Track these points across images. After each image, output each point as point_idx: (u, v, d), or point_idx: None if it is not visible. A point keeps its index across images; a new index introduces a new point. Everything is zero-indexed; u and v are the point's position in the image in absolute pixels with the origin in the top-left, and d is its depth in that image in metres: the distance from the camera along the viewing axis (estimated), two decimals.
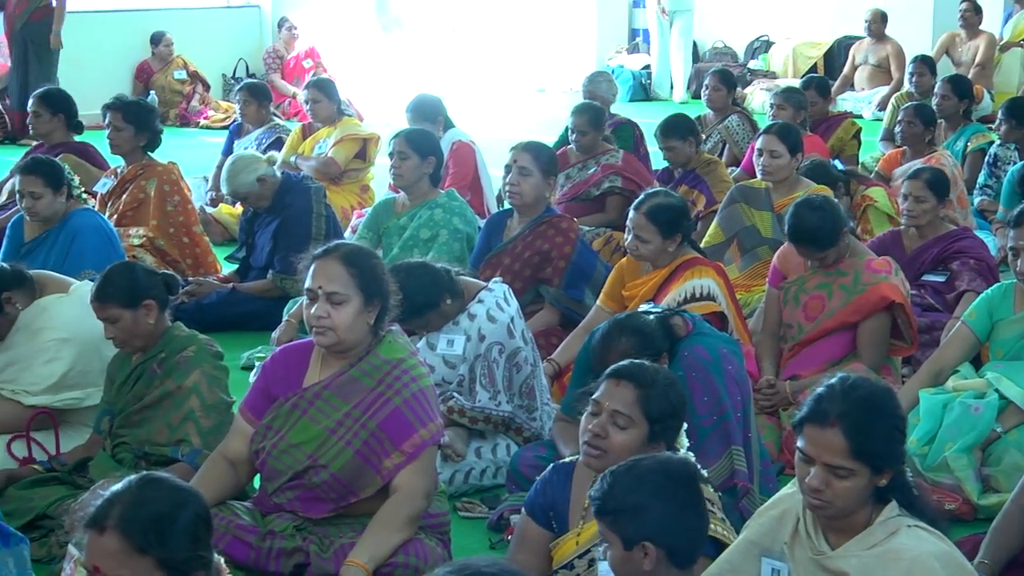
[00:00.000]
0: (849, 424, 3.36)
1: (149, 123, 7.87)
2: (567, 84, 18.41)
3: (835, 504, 3.39)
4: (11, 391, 5.24)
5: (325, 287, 4.23)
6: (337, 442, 4.29)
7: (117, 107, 7.81)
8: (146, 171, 7.86)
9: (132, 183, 7.85)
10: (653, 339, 4.68)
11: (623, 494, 3.36)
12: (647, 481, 3.38)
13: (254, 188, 7.46)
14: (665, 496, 3.36)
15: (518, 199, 6.59)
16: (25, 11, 13.48)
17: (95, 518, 2.79)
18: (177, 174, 7.97)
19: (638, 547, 3.33)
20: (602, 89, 9.99)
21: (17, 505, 4.73)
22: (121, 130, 7.77)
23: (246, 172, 7.47)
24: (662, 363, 4.63)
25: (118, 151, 7.88)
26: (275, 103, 12.94)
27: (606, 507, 3.37)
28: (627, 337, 4.64)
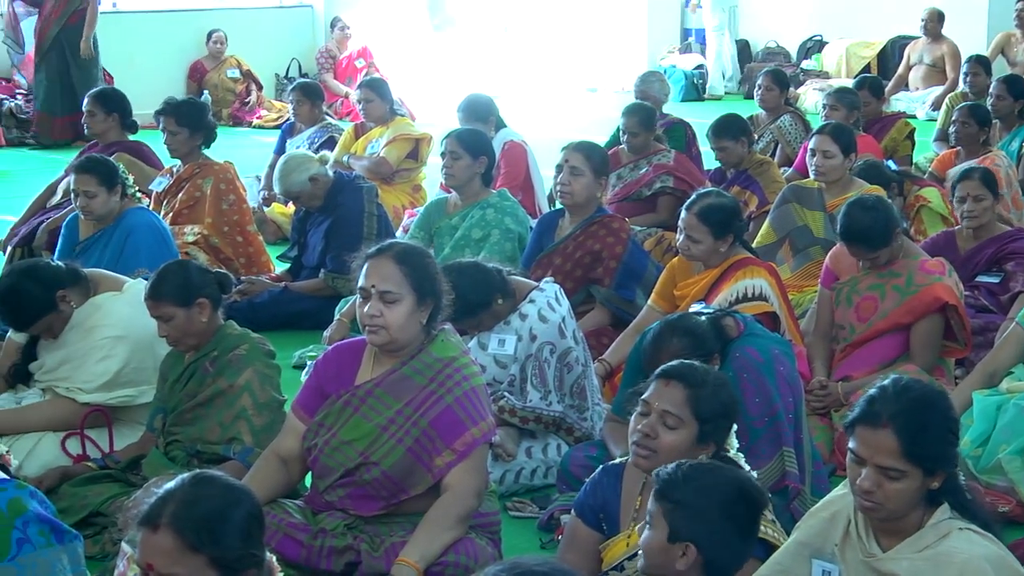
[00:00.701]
0: (901, 425, 3.34)
1: (203, 121, 7.91)
2: (619, 84, 18.39)
3: (886, 506, 3.36)
4: (65, 388, 5.28)
5: (378, 286, 4.24)
6: (388, 439, 4.30)
7: (169, 112, 7.85)
8: (203, 170, 7.91)
9: (188, 182, 7.90)
10: (704, 340, 4.67)
11: (692, 490, 3.36)
12: (719, 490, 3.38)
13: (306, 187, 7.49)
14: (730, 512, 3.37)
15: (569, 199, 6.59)
16: (63, 14, 13.45)
17: (149, 516, 2.81)
18: (233, 173, 8.01)
19: (681, 544, 3.34)
20: (654, 89, 9.97)
21: (71, 502, 4.77)
22: (176, 134, 7.82)
23: (298, 172, 7.50)
24: (713, 364, 4.62)
25: (176, 154, 7.93)
26: (327, 103, 12.98)
27: (670, 494, 3.37)
28: (678, 338, 4.63)
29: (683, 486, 3.38)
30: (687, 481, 3.39)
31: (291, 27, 17.43)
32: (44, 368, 5.34)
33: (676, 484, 3.39)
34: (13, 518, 3.21)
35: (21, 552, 3.18)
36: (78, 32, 13.44)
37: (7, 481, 3.33)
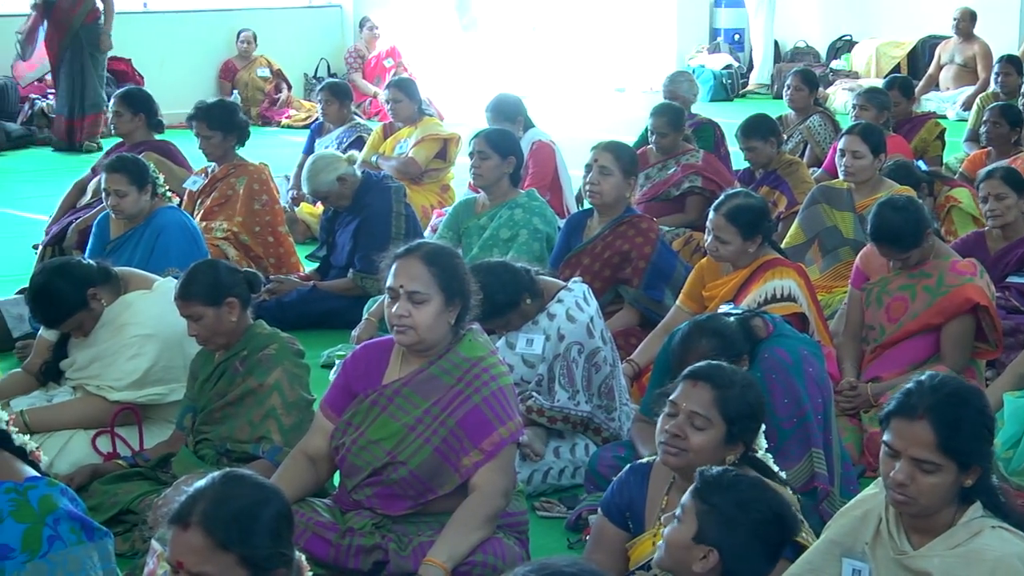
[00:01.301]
0: (937, 417, 3.33)
1: (234, 122, 7.93)
2: (647, 84, 18.37)
3: (919, 501, 3.35)
4: (96, 386, 5.30)
5: (406, 286, 4.25)
6: (416, 439, 4.30)
7: (200, 116, 7.87)
8: (237, 170, 7.93)
9: (222, 181, 7.93)
10: (733, 341, 4.66)
11: (731, 500, 3.37)
12: (756, 508, 3.39)
13: (334, 187, 7.50)
14: (761, 532, 3.38)
15: (598, 199, 6.58)
16: (81, 12, 13.27)
17: (179, 514, 2.82)
18: (267, 175, 8.04)
19: (705, 547, 3.34)
20: (683, 89, 9.96)
21: (101, 499, 4.79)
22: (210, 137, 7.85)
23: (326, 171, 7.52)
24: (742, 365, 4.61)
25: (212, 157, 7.96)
26: (356, 102, 12.99)
27: (708, 496, 3.37)
28: (707, 339, 4.62)
29: (724, 492, 3.39)
30: (729, 489, 3.40)
31: (320, 27, 17.47)
32: (75, 366, 5.36)
33: (717, 488, 3.39)
34: (44, 515, 3.22)
35: (52, 549, 3.20)
36: (96, 31, 13.34)
37: (38, 478, 3.34)
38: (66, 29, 13.15)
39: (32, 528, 3.20)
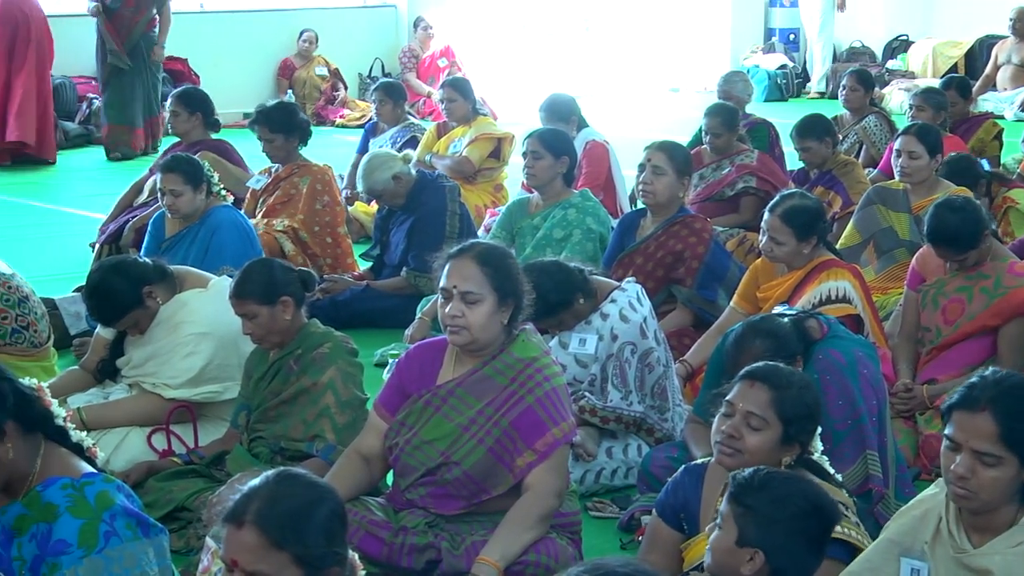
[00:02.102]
0: (1000, 409, 3.30)
1: (295, 123, 7.96)
2: (701, 84, 18.32)
3: (980, 495, 3.32)
4: (151, 384, 5.34)
5: (459, 286, 4.25)
6: (469, 439, 4.31)
7: (261, 120, 7.91)
8: (301, 170, 7.98)
9: (285, 180, 7.97)
10: (787, 342, 4.64)
11: (766, 498, 3.35)
12: (793, 502, 3.36)
13: (389, 186, 7.52)
14: (801, 525, 3.35)
15: (651, 198, 6.57)
16: (142, 21, 13.07)
17: (233, 512, 2.83)
18: (331, 175, 8.08)
19: (749, 550, 3.32)
20: (737, 89, 9.93)
21: (157, 496, 4.83)
22: (272, 140, 7.89)
23: (381, 170, 7.54)
24: (796, 366, 4.58)
25: (277, 159, 8.01)
26: (410, 102, 13.01)
27: (743, 499, 3.36)
28: (761, 340, 4.60)
29: (757, 493, 3.37)
30: (762, 488, 3.37)
31: (374, 27, 17.52)
32: (131, 364, 5.40)
33: (751, 489, 3.37)
34: (101, 511, 3.24)
35: (108, 545, 3.21)
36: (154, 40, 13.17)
37: (95, 475, 3.36)
38: (127, 37, 12.99)
39: (89, 524, 3.22)
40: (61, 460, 3.37)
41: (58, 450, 3.40)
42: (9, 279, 5.63)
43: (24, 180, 12.20)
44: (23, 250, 8.93)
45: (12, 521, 3.28)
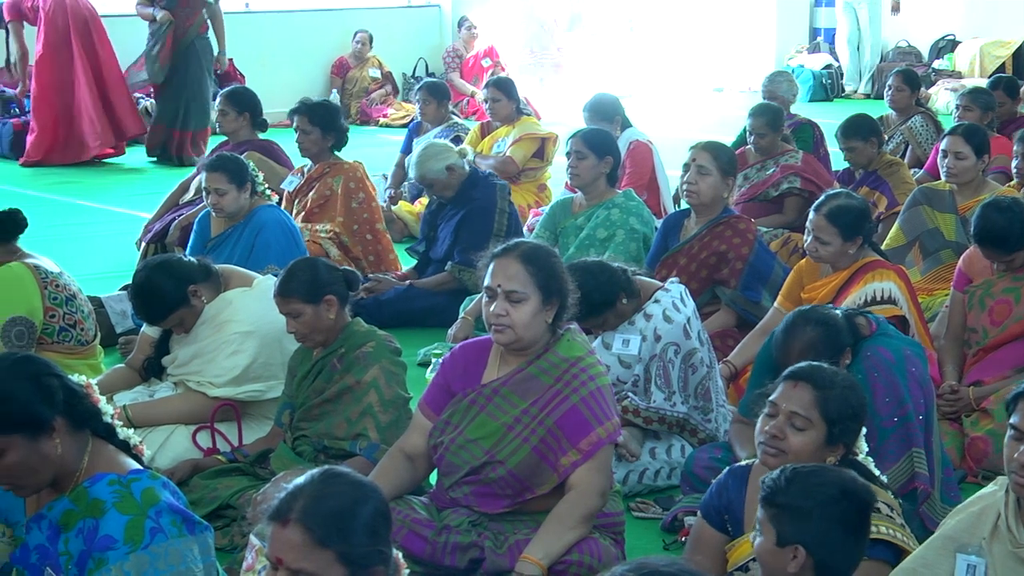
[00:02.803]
0: None
1: (335, 123, 7.98)
2: (745, 83, 18.28)
3: None
4: (196, 382, 5.36)
5: (504, 285, 4.25)
6: (514, 439, 4.31)
7: (303, 111, 7.93)
8: (332, 169, 7.97)
9: (318, 181, 7.97)
10: (839, 331, 4.62)
11: (796, 494, 3.34)
12: (822, 491, 3.34)
13: (441, 176, 7.54)
14: (835, 512, 3.33)
15: (695, 198, 6.55)
16: (196, 23, 12.83)
17: (278, 511, 2.84)
18: (362, 172, 8.07)
19: (791, 548, 3.32)
20: (782, 89, 9.90)
21: (202, 494, 4.85)
22: (309, 132, 7.90)
23: (436, 159, 7.56)
24: (845, 359, 4.60)
25: (307, 153, 8.00)
26: (454, 102, 13.03)
27: (774, 499, 3.36)
28: (812, 327, 4.58)
29: (786, 490, 3.36)
30: (789, 484, 3.37)
31: (418, 27, 17.56)
32: (176, 362, 5.43)
33: (779, 489, 3.37)
34: (147, 508, 3.26)
35: (154, 541, 3.23)
36: (208, 44, 12.95)
37: (141, 472, 3.39)
38: (181, 39, 12.80)
39: (135, 520, 3.24)
40: (108, 457, 3.40)
41: (105, 447, 3.43)
42: (57, 277, 5.67)
43: (72, 179, 12.29)
44: (70, 249, 8.99)
45: (59, 516, 3.30)
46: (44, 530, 3.33)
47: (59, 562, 3.27)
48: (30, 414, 3.28)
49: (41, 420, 3.29)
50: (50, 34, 12.75)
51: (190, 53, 12.85)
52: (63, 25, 12.76)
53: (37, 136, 12.89)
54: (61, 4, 12.75)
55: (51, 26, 12.73)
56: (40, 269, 5.62)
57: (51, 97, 12.80)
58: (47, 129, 12.87)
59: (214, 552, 3.44)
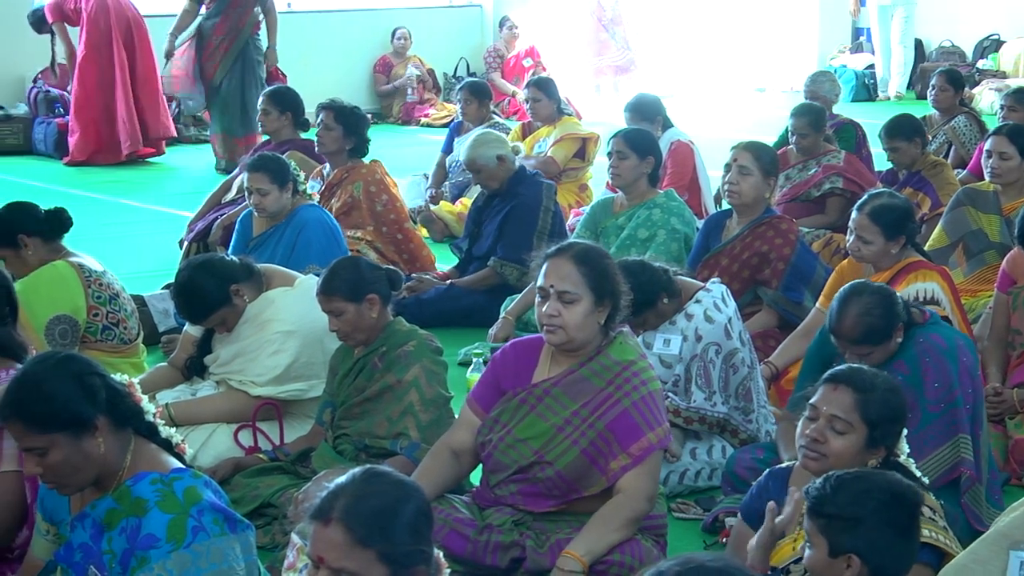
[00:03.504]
0: None
1: (358, 129, 7.96)
2: (788, 84, 18.21)
3: None
4: (238, 381, 5.38)
5: (557, 286, 4.25)
6: (564, 440, 4.31)
7: (331, 107, 7.94)
8: (351, 174, 7.93)
9: (339, 187, 7.95)
10: (894, 302, 4.66)
11: (845, 502, 3.31)
12: (871, 497, 3.32)
13: (491, 163, 7.55)
14: (886, 517, 3.30)
15: (737, 199, 6.53)
16: (249, 23, 12.43)
17: (320, 510, 2.84)
18: (381, 172, 8.02)
19: (844, 557, 3.28)
20: (824, 89, 9.85)
21: (243, 492, 4.86)
22: (331, 129, 7.90)
23: (489, 146, 7.58)
24: (897, 335, 4.64)
25: (323, 149, 7.99)
26: (495, 102, 13.02)
27: (822, 509, 3.33)
28: (869, 295, 4.63)
29: (833, 499, 3.32)
30: (836, 493, 3.33)
31: (460, 26, 17.57)
32: (218, 361, 5.45)
33: (826, 499, 3.33)
34: (189, 506, 3.27)
35: (196, 540, 3.24)
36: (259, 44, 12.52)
37: (183, 470, 3.40)
38: (234, 40, 12.40)
39: (177, 519, 3.25)
40: (150, 455, 3.42)
41: (148, 446, 3.45)
42: (100, 276, 5.71)
43: (115, 178, 12.36)
44: (114, 248, 9.04)
45: (103, 515, 3.32)
46: (88, 528, 3.35)
47: (103, 560, 3.29)
48: (73, 413, 3.30)
49: (84, 419, 3.31)
50: (92, 35, 12.81)
51: (244, 57, 12.45)
52: (105, 26, 12.81)
53: (79, 137, 12.96)
54: (104, 5, 12.80)
55: (94, 27, 12.79)
56: (84, 268, 5.66)
57: (92, 98, 12.86)
58: (88, 129, 12.93)
59: (256, 550, 3.44)
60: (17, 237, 5.61)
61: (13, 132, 13.70)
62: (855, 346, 4.64)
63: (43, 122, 13.63)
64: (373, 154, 8.18)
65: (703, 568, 2.46)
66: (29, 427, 3.30)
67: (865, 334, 4.62)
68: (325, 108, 7.94)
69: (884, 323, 4.59)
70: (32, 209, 5.73)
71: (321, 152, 8.06)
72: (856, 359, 4.59)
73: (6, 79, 14.29)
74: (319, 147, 8.02)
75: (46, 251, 5.64)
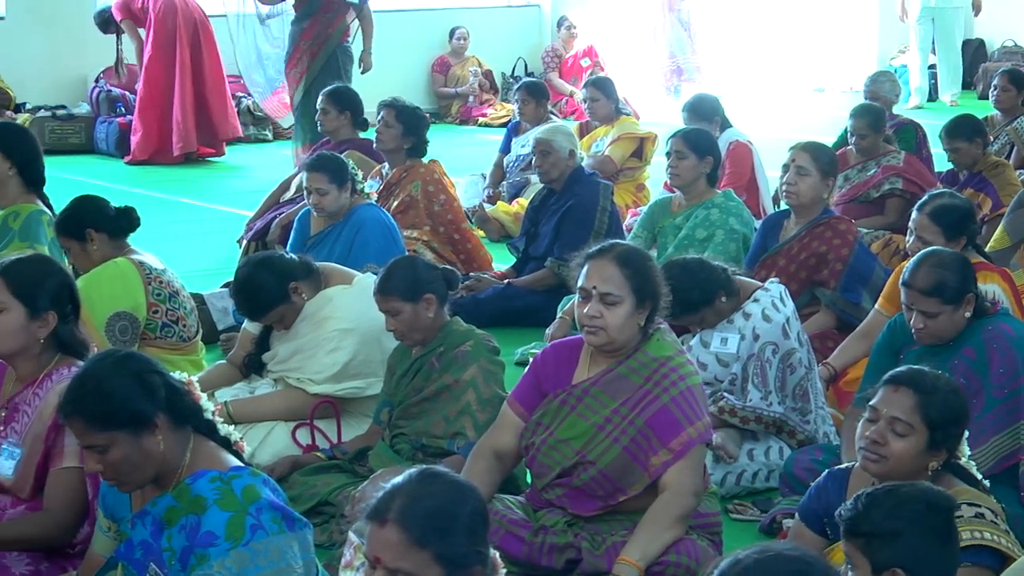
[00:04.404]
0: None
1: (418, 129, 7.99)
2: (847, 84, 18.08)
3: None
4: (296, 379, 5.40)
5: (599, 287, 4.25)
6: (605, 439, 4.30)
7: (392, 106, 7.97)
8: (409, 173, 7.96)
9: (397, 186, 7.97)
10: (969, 269, 4.71)
11: (880, 518, 3.26)
12: (907, 508, 3.28)
13: (561, 152, 7.61)
14: (924, 526, 3.26)
15: (795, 199, 6.50)
16: (338, 30, 11.78)
17: (377, 510, 2.84)
18: (440, 172, 8.05)
19: (888, 573, 3.25)
20: (884, 89, 9.77)
21: (301, 491, 4.88)
22: (391, 127, 7.93)
23: (565, 137, 7.68)
24: (967, 305, 4.67)
25: (382, 147, 8.02)
26: (552, 101, 13.01)
27: (859, 529, 3.29)
28: (948, 255, 4.71)
29: (868, 517, 3.29)
30: (870, 510, 3.29)
31: (518, 26, 17.57)
32: (276, 358, 5.48)
33: (861, 517, 3.29)
34: (248, 504, 3.28)
35: (255, 538, 3.25)
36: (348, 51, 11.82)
37: (242, 468, 3.42)
38: (322, 47, 11.78)
39: (236, 517, 3.26)
40: (209, 453, 3.44)
41: (207, 443, 3.47)
42: (160, 274, 5.75)
43: (175, 177, 12.45)
44: (173, 246, 9.10)
45: (163, 512, 3.34)
46: (148, 526, 3.37)
47: (163, 558, 3.31)
48: (133, 411, 3.32)
49: (144, 417, 3.33)
50: (160, 35, 12.88)
51: (330, 66, 11.74)
52: (172, 27, 12.88)
53: (141, 136, 13.05)
54: (172, 6, 12.88)
55: (161, 27, 12.86)
56: (144, 265, 5.70)
57: (156, 98, 12.94)
58: (151, 129, 13.01)
59: (313, 549, 3.46)
60: (85, 231, 5.65)
61: (75, 131, 13.82)
62: (925, 298, 4.66)
63: (105, 121, 13.74)
64: (431, 154, 8.20)
65: (780, 556, 2.46)
66: (90, 425, 3.33)
67: (936, 286, 4.64)
68: (387, 106, 7.98)
69: (957, 281, 4.63)
70: (103, 205, 5.77)
71: (380, 149, 8.09)
72: (922, 321, 4.65)
73: (69, 79, 14.42)
74: (378, 144, 8.06)
75: (110, 248, 5.68)
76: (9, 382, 4.19)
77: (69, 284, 4.21)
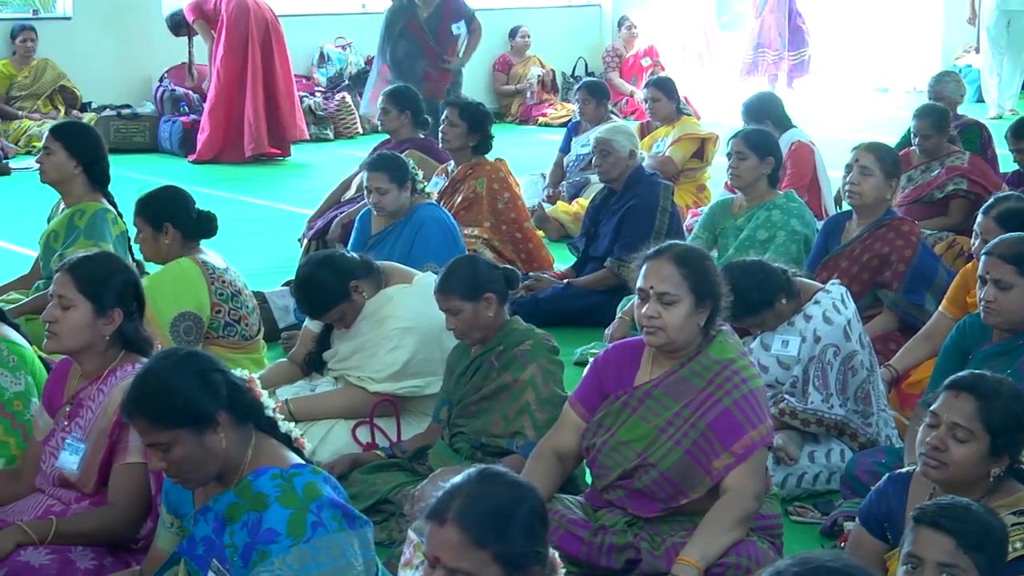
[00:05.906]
0: None
1: (482, 126, 8.01)
2: (910, 84, 17.95)
3: None
4: (357, 377, 5.43)
5: (657, 287, 4.24)
6: (667, 441, 4.29)
7: (455, 104, 8.02)
8: (475, 170, 7.99)
9: (463, 183, 8.00)
10: None
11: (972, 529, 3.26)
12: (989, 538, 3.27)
13: (621, 152, 7.58)
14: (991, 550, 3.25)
15: (858, 200, 6.46)
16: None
17: (436, 510, 2.85)
18: (505, 171, 8.08)
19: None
20: (949, 90, 9.69)
21: (361, 489, 4.90)
22: (455, 126, 7.96)
23: (627, 137, 7.67)
24: None
25: (448, 146, 8.06)
26: (613, 101, 12.97)
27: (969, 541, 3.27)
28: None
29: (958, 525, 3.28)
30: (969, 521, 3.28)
31: (579, 26, 17.57)
32: (337, 357, 5.50)
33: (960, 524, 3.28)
34: (308, 502, 3.31)
35: (316, 535, 3.27)
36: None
37: (303, 466, 3.44)
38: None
39: (297, 514, 3.29)
40: (271, 450, 3.46)
41: (268, 441, 3.49)
42: (223, 273, 5.78)
43: (237, 176, 12.52)
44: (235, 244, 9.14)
45: (225, 509, 3.37)
46: (210, 522, 3.40)
47: (225, 554, 3.34)
48: (195, 409, 3.35)
49: (206, 415, 3.36)
50: (231, 36, 12.94)
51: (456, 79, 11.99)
52: (244, 28, 12.93)
53: (208, 136, 13.12)
54: (243, 7, 12.94)
55: (233, 29, 12.92)
56: (208, 265, 5.74)
57: (226, 98, 13.02)
58: (218, 130, 13.08)
59: (373, 547, 3.47)
60: (164, 223, 5.66)
61: (140, 130, 13.94)
62: (1002, 263, 4.70)
63: (169, 120, 13.85)
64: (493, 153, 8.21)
65: (822, 568, 2.44)
66: (153, 423, 3.36)
67: (1017, 255, 4.67)
68: (450, 104, 8.02)
69: None
70: (189, 203, 5.78)
71: (445, 148, 8.12)
72: (993, 293, 4.69)
73: (134, 79, 14.55)
74: (443, 143, 8.09)
75: (180, 246, 5.70)
76: (74, 378, 4.25)
77: (135, 282, 4.26)
